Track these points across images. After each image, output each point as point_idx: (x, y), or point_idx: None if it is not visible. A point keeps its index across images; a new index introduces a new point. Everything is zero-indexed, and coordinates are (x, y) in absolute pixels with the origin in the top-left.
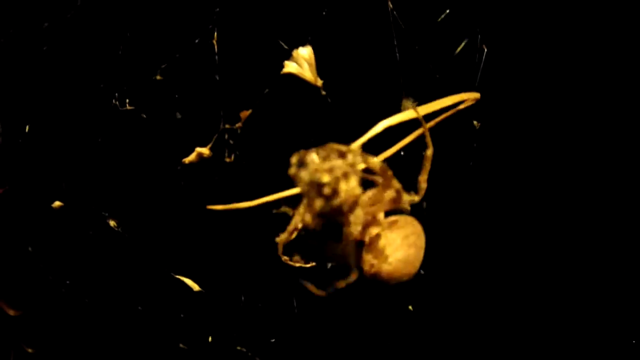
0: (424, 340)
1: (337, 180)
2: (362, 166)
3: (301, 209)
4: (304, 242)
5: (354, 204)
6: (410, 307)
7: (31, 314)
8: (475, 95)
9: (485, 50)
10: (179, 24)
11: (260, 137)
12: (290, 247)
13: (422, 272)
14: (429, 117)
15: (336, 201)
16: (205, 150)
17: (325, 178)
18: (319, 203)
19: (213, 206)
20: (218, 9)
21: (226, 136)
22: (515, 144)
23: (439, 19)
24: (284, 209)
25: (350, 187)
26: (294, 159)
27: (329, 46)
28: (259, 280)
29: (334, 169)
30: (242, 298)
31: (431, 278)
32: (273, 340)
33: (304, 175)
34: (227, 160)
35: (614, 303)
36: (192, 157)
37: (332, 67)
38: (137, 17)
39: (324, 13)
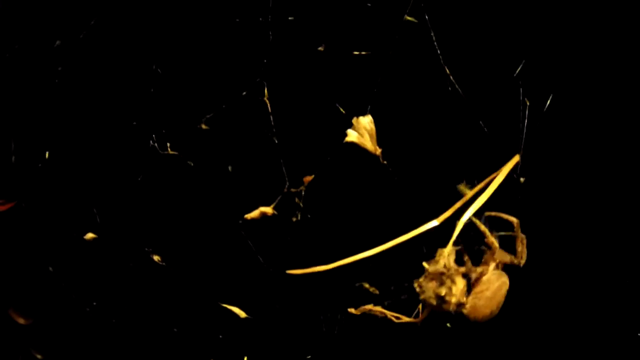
0: (460, 357)
1: (450, 290)
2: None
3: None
4: None
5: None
6: (448, 325)
7: (44, 324)
8: (516, 159)
9: (528, 104)
10: (223, 69)
11: (323, 200)
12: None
13: None
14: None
15: (453, 299)
16: (269, 210)
17: (443, 291)
18: (445, 307)
19: (292, 271)
20: (265, 61)
21: (296, 200)
22: (557, 196)
23: (515, 73)
24: (367, 286)
25: (459, 289)
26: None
27: (387, 113)
28: (294, 302)
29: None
30: (278, 320)
31: None
32: (309, 357)
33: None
34: (294, 219)
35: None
36: (254, 214)
37: (390, 134)
38: (171, 54)
39: (379, 80)
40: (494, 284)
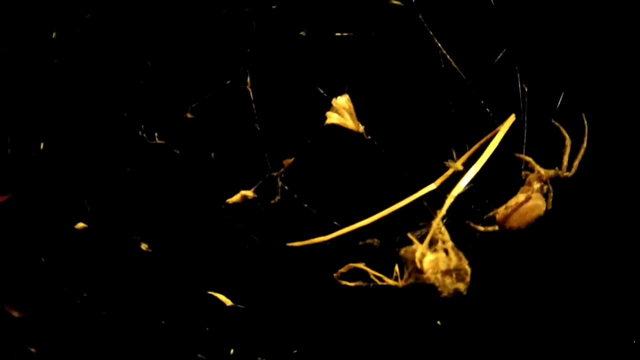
0: (451, 355)
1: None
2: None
3: None
4: None
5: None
6: (438, 322)
7: (38, 318)
8: (511, 118)
9: (526, 89)
10: (207, 60)
11: (314, 181)
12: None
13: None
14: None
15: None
16: (249, 193)
17: (463, 287)
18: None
19: (292, 243)
20: (249, 50)
21: (279, 182)
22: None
23: (496, 60)
24: (369, 240)
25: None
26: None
27: (367, 91)
28: (284, 295)
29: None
30: (267, 312)
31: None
32: (295, 351)
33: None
34: (272, 202)
35: None
36: (236, 198)
37: (372, 111)
38: (158, 46)
39: (360, 59)
40: (530, 202)
